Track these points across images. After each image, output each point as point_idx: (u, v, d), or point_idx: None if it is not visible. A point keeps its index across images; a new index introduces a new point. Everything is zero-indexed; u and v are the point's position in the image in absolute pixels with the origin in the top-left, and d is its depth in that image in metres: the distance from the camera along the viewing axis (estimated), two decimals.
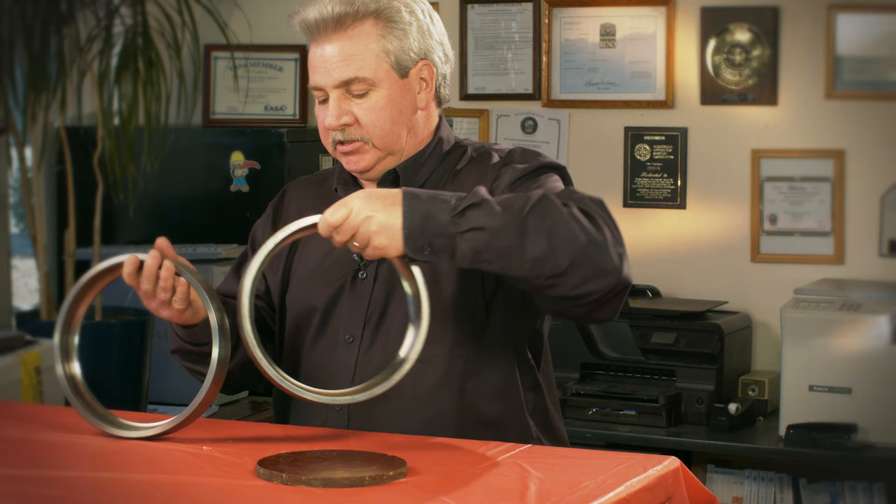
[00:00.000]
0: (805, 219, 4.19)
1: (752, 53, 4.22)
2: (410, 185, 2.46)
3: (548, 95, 4.44)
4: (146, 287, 2.35)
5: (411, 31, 2.43)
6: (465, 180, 2.46)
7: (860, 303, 3.83)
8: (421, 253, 2.18)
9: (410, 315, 2.23)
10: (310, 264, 2.52)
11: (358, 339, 2.43)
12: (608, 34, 4.37)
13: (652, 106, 4.33)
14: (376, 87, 2.41)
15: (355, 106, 2.42)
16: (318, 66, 2.42)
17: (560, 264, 2.19)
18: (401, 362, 2.22)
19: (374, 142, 2.43)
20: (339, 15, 2.39)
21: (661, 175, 4.33)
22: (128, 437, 2.30)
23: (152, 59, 4.04)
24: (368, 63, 2.40)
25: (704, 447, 3.90)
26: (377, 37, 2.41)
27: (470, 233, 2.17)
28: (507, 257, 2.19)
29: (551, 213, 2.20)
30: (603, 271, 2.21)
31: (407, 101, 2.45)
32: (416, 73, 2.45)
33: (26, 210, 4.04)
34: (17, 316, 4.25)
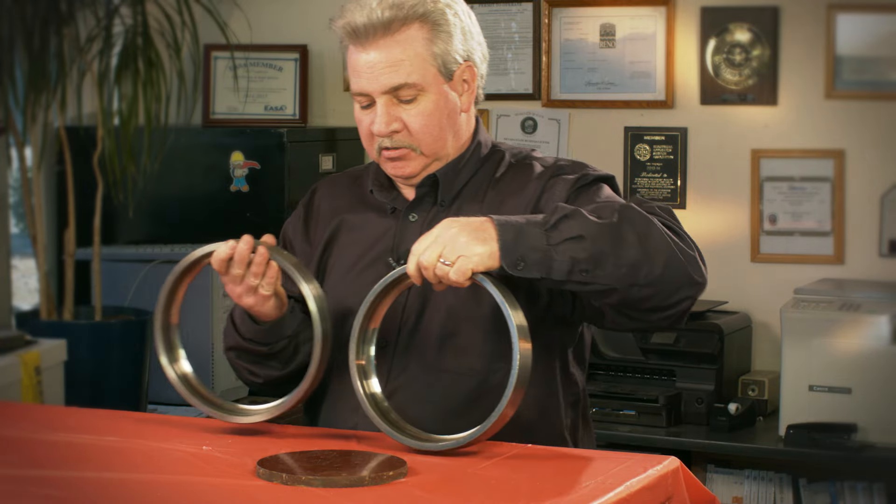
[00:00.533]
0: (805, 219, 4.19)
1: (752, 53, 4.22)
2: (450, 189, 2.44)
3: (548, 95, 4.44)
4: (237, 272, 2.31)
5: (456, 33, 2.39)
6: (506, 189, 2.44)
7: (860, 303, 3.83)
8: (515, 268, 2.14)
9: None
10: (345, 265, 2.49)
11: (392, 344, 2.40)
12: (608, 34, 4.37)
13: (652, 106, 4.33)
14: (424, 93, 2.38)
15: (403, 112, 2.38)
16: (364, 72, 2.37)
17: (654, 270, 2.18)
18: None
19: (421, 149, 2.40)
20: (388, 20, 2.35)
21: (661, 175, 4.33)
22: (245, 422, 2.30)
23: (152, 59, 4.04)
24: (417, 68, 2.36)
25: (704, 447, 3.90)
26: (424, 41, 2.37)
27: (566, 243, 2.14)
28: (603, 265, 2.15)
29: (639, 221, 2.19)
30: (692, 279, 2.22)
31: (452, 104, 2.41)
32: (460, 75, 2.41)
33: (26, 210, 4.04)
34: (17, 316, 4.25)
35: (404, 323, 2.41)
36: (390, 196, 2.49)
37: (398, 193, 2.49)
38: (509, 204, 2.42)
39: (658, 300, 2.21)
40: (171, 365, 2.39)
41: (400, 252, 2.43)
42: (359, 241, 2.48)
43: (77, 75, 4.12)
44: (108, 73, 4.07)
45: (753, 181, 4.23)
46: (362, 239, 2.49)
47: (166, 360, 2.38)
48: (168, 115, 4.07)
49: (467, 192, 2.45)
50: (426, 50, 2.37)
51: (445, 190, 2.44)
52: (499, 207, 2.41)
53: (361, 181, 2.55)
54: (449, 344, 2.38)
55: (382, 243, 2.46)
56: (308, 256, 2.52)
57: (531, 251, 2.14)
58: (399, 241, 2.44)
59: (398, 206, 2.48)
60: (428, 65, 2.37)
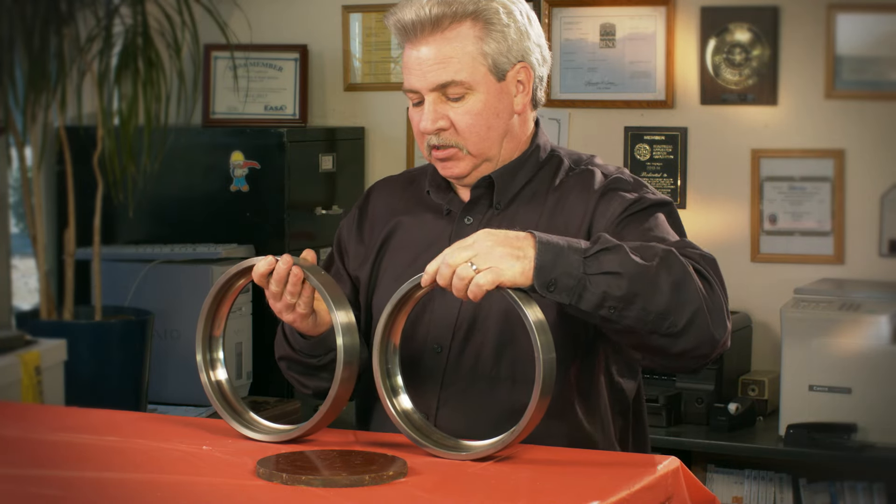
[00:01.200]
0: (805, 219, 4.19)
1: (752, 53, 4.22)
2: (505, 192, 2.42)
3: (548, 95, 4.43)
4: (275, 289, 2.28)
5: (509, 33, 2.37)
6: (566, 196, 2.41)
7: (860, 303, 3.83)
8: (546, 289, 2.11)
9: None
10: (398, 267, 2.47)
11: (446, 349, 2.38)
12: (608, 34, 4.37)
13: (652, 106, 4.33)
14: (473, 91, 2.35)
15: (451, 110, 2.36)
16: (414, 69, 2.36)
17: (678, 322, 2.15)
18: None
19: (468, 148, 2.37)
20: (436, 16, 2.33)
21: (661, 175, 4.33)
22: (271, 441, 2.27)
23: (152, 59, 4.04)
24: (466, 66, 2.34)
25: (704, 447, 3.90)
26: (475, 39, 2.35)
27: (602, 276, 2.12)
28: (631, 307, 2.13)
29: (678, 270, 2.15)
30: (713, 339, 2.19)
31: (504, 105, 2.39)
32: (514, 75, 2.39)
33: (26, 210, 4.04)
34: (17, 316, 4.25)
35: (458, 329, 2.38)
36: (447, 198, 2.47)
37: (455, 195, 2.47)
38: (568, 212, 2.39)
39: (673, 350, 2.20)
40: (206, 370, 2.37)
41: None
42: (414, 243, 2.46)
43: (77, 75, 4.12)
44: (108, 73, 4.07)
45: (753, 181, 4.23)
46: (417, 240, 2.47)
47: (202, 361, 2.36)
48: (168, 115, 4.07)
49: (524, 197, 2.43)
50: (476, 48, 2.35)
51: (501, 193, 2.42)
52: (557, 215, 2.40)
53: (418, 182, 2.53)
54: (506, 351, 2.36)
55: (437, 245, 2.41)
56: (363, 258, 2.50)
57: (566, 276, 2.12)
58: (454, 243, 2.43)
59: (453, 209, 2.46)
60: (478, 63, 2.35)
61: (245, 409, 2.34)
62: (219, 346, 2.38)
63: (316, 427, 2.26)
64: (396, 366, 2.25)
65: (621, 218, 2.35)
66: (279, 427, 2.31)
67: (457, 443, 2.20)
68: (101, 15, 4.06)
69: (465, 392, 2.36)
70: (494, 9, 2.36)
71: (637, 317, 2.14)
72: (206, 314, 2.35)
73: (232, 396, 2.36)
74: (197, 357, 2.36)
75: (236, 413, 2.34)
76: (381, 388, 2.23)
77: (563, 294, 2.12)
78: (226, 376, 2.37)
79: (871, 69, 4.11)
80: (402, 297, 2.21)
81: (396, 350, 2.25)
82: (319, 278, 2.26)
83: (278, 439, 2.27)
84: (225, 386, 2.37)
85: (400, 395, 2.25)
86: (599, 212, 2.37)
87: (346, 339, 2.23)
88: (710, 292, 2.19)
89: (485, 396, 2.36)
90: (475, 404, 2.36)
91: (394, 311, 2.22)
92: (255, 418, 2.33)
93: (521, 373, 2.34)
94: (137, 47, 4.03)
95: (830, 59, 4.13)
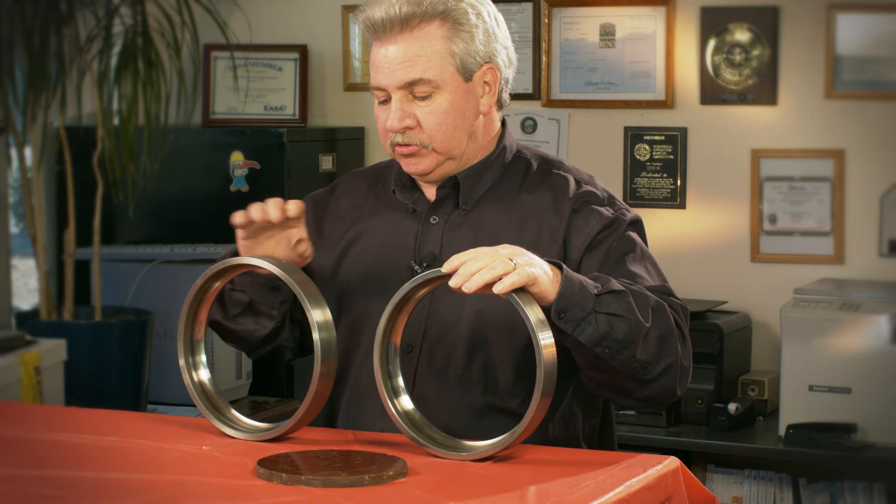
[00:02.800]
0: (805, 218, 4.19)
1: (751, 53, 4.22)
2: (471, 193, 2.43)
3: (548, 95, 4.44)
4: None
5: (477, 34, 2.38)
6: (539, 201, 2.42)
7: (860, 303, 3.83)
8: (558, 315, 2.16)
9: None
10: (366, 268, 2.47)
11: (417, 348, 2.39)
12: (608, 34, 4.37)
13: (652, 106, 4.33)
14: (440, 90, 2.36)
15: (418, 108, 2.37)
16: (382, 67, 2.37)
17: (653, 372, 2.26)
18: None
19: (434, 146, 2.38)
20: (406, 15, 2.35)
21: (660, 175, 4.33)
22: (252, 439, 2.28)
23: (152, 59, 4.04)
24: (433, 65, 2.35)
25: (704, 447, 3.90)
26: (443, 38, 2.35)
27: (607, 316, 2.19)
28: (624, 350, 2.22)
29: (665, 325, 2.27)
30: (674, 393, 2.33)
31: (470, 105, 2.40)
32: (480, 76, 2.40)
33: (26, 210, 4.04)
34: (17, 316, 4.25)
35: (429, 329, 2.39)
36: (412, 197, 2.47)
37: (420, 195, 2.47)
38: (540, 217, 2.41)
39: (639, 396, 2.32)
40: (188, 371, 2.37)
41: (422, 255, 2.41)
42: (380, 243, 2.46)
43: (77, 75, 4.12)
44: (107, 73, 4.07)
45: (753, 181, 4.23)
46: (383, 241, 2.47)
47: (184, 364, 2.37)
48: (168, 115, 4.07)
49: (490, 197, 2.44)
50: (444, 48, 2.36)
51: (466, 193, 2.43)
52: (529, 220, 2.41)
53: (385, 179, 2.53)
54: (477, 354, 2.37)
55: (404, 245, 2.44)
56: (320, 249, 2.49)
57: (577, 308, 2.18)
58: (421, 243, 2.43)
59: (419, 208, 2.46)
60: (446, 63, 2.36)
61: (228, 408, 2.35)
62: (200, 349, 2.38)
63: (297, 425, 2.26)
64: (398, 367, 2.25)
65: (598, 237, 2.39)
66: (261, 425, 2.31)
67: (457, 443, 2.20)
68: (101, 15, 4.06)
69: (437, 392, 2.37)
70: (463, 9, 2.37)
71: (625, 360, 2.23)
72: (186, 318, 2.36)
73: (216, 396, 2.36)
74: (179, 361, 2.36)
75: (219, 412, 2.34)
76: (382, 388, 2.23)
77: (569, 324, 2.18)
78: (209, 376, 2.38)
79: (871, 69, 4.11)
80: (403, 297, 2.21)
81: (397, 351, 2.25)
82: (294, 277, 2.26)
83: (261, 438, 2.28)
84: (208, 386, 2.37)
85: (401, 396, 2.25)
86: (576, 227, 2.39)
87: (323, 335, 2.24)
88: (684, 349, 2.31)
89: (456, 397, 2.37)
90: (447, 404, 2.35)
91: (394, 312, 2.22)
92: (238, 417, 2.34)
93: (492, 376, 2.36)
94: (137, 47, 4.04)
95: (830, 59, 4.13)
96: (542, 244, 2.37)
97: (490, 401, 2.37)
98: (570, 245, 2.39)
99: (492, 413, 2.36)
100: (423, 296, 2.24)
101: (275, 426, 2.29)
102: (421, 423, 2.23)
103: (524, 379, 2.33)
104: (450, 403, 2.36)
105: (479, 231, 2.41)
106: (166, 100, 4.06)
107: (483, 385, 2.37)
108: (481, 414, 2.36)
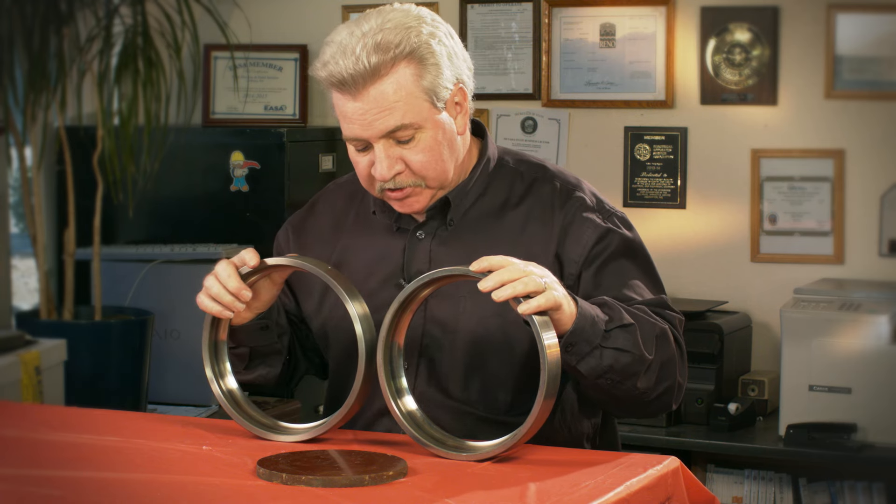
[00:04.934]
0: (805, 218, 4.19)
1: (751, 53, 4.22)
2: (458, 208, 2.40)
3: (548, 95, 4.44)
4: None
5: (443, 62, 2.32)
6: (530, 212, 2.40)
7: (860, 303, 3.83)
8: (565, 348, 2.17)
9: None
10: (355, 285, 2.41)
11: (414, 367, 2.38)
12: (608, 34, 4.37)
13: (652, 106, 4.33)
14: (422, 129, 2.30)
15: (405, 151, 2.31)
16: (356, 119, 2.29)
17: (652, 394, 2.31)
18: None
19: (427, 182, 2.34)
20: (375, 66, 2.26)
21: (660, 175, 4.33)
22: (288, 441, 2.27)
23: (152, 58, 4.04)
24: (410, 107, 2.28)
25: (704, 447, 3.90)
26: (413, 76, 2.28)
27: (613, 350, 2.22)
28: (626, 381, 2.26)
29: (667, 352, 2.31)
30: (668, 409, 2.38)
31: (449, 131, 2.34)
32: (451, 99, 2.34)
33: (26, 210, 4.04)
34: (17, 316, 4.25)
35: (425, 347, 2.37)
36: (394, 215, 2.43)
37: (402, 214, 2.43)
38: (530, 230, 2.40)
39: (636, 412, 2.38)
40: (216, 380, 2.36)
41: (411, 272, 2.39)
42: (365, 264, 2.44)
43: (77, 75, 4.12)
44: (108, 72, 4.07)
45: (753, 181, 4.23)
46: (368, 260, 2.44)
47: (212, 375, 2.36)
48: (168, 115, 4.07)
49: (477, 211, 2.41)
50: (416, 86, 2.29)
51: (456, 211, 2.41)
52: (518, 232, 2.39)
53: (363, 194, 2.48)
54: (475, 371, 2.36)
55: (391, 262, 2.42)
56: (303, 278, 2.47)
57: (585, 343, 2.20)
58: (409, 259, 2.40)
59: (403, 225, 2.43)
60: (420, 101, 2.29)
61: (261, 414, 2.34)
62: (224, 356, 2.37)
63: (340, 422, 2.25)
64: (401, 367, 2.25)
65: (594, 250, 2.38)
66: (300, 427, 2.30)
67: (460, 443, 2.20)
68: (101, 15, 4.06)
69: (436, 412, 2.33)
70: (425, 41, 2.30)
71: (627, 389, 2.27)
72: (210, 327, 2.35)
73: (245, 402, 2.35)
74: (206, 371, 2.35)
75: (252, 418, 2.33)
76: (385, 389, 2.23)
77: (574, 356, 2.20)
78: (236, 384, 2.37)
79: (871, 69, 4.11)
80: (407, 297, 2.21)
81: (401, 351, 2.25)
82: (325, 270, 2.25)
83: (301, 438, 2.27)
84: (237, 394, 2.36)
85: (405, 397, 2.25)
86: (571, 238, 2.38)
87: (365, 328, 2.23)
88: (681, 367, 2.34)
89: (456, 417, 2.36)
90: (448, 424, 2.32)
91: (398, 312, 2.22)
92: (274, 421, 2.33)
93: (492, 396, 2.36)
94: (137, 47, 4.04)
95: (830, 59, 4.13)
96: (535, 256, 2.33)
97: (489, 418, 2.36)
98: (566, 258, 2.37)
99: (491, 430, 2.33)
100: (427, 296, 2.23)
101: (318, 424, 2.27)
102: (423, 422, 2.23)
103: (524, 395, 2.32)
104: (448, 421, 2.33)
105: (468, 246, 2.38)
106: (166, 100, 4.06)
107: (483, 405, 2.37)
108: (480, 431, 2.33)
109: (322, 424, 2.26)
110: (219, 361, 2.37)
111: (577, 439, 2.43)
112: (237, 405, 2.34)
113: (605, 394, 2.29)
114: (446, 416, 2.35)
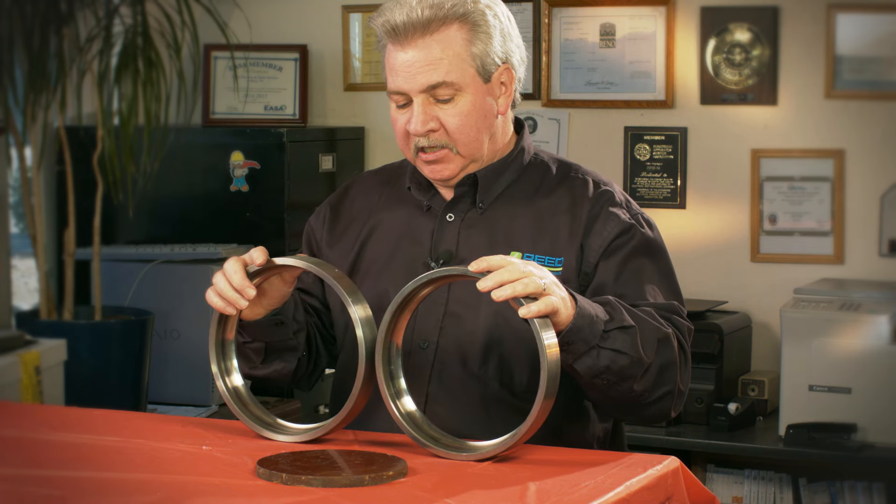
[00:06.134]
0: (805, 218, 4.19)
1: (751, 53, 4.22)
2: (489, 192, 2.44)
3: (548, 95, 4.44)
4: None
5: (495, 35, 2.38)
6: (559, 202, 2.43)
7: (860, 303, 3.83)
8: (562, 346, 2.17)
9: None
10: (379, 263, 2.47)
11: (433, 344, 2.40)
12: (608, 34, 4.37)
13: (652, 106, 4.33)
14: (462, 92, 2.37)
15: (441, 111, 2.37)
16: (402, 71, 2.37)
17: (650, 398, 2.31)
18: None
19: (458, 148, 2.38)
20: (427, 19, 2.34)
21: (660, 175, 4.33)
22: (289, 441, 2.27)
23: (152, 58, 4.04)
24: (455, 67, 2.35)
25: (704, 447, 3.90)
26: (463, 41, 2.36)
27: (611, 351, 2.22)
28: (619, 384, 2.26)
29: (668, 356, 2.31)
30: (667, 415, 2.38)
31: (489, 106, 2.40)
32: (497, 77, 2.40)
33: (26, 210, 4.04)
34: (17, 316, 4.25)
35: (445, 325, 2.39)
36: (428, 195, 2.48)
37: (436, 192, 2.48)
38: (557, 220, 2.42)
39: (632, 415, 2.39)
40: (222, 377, 2.36)
41: (438, 252, 2.42)
42: (394, 238, 2.47)
43: (77, 75, 4.12)
44: (107, 73, 4.07)
45: (753, 181, 4.23)
46: (398, 235, 2.47)
47: (217, 372, 2.36)
48: (168, 115, 4.07)
49: (507, 197, 2.45)
50: (465, 50, 2.36)
51: (484, 192, 2.44)
52: (546, 221, 2.42)
53: (397, 179, 2.54)
54: (493, 352, 2.38)
55: (418, 242, 2.45)
56: (337, 257, 2.50)
57: (583, 342, 2.21)
58: (437, 240, 2.43)
59: (435, 206, 2.47)
60: (466, 65, 2.36)
61: (265, 413, 2.34)
62: (231, 353, 2.37)
63: (342, 423, 2.25)
64: (399, 368, 2.25)
65: (614, 242, 2.40)
66: (301, 427, 2.30)
67: (460, 443, 2.20)
68: (101, 15, 4.06)
69: (454, 388, 2.37)
70: (481, 11, 2.38)
71: (623, 391, 2.27)
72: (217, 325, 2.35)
73: (250, 401, 2.36)
74: (212, 367, 2.35)
75: (256, 417, 2.33)
76: (384, 390, 2.23)
77: (571, 355, 2.21)
78: (241, 381, 2.37)
79: (871, 69, 4.11)
80: (405, 297, 2.20)
81: (399, 352, 2.25)
82: (331, 273, 2.25)
83: (301, 439, 2.27)
84: (243, 392, 2.36)
85: (403, 398, 2.25)
86: (596, 230, 2.40)
87: (366, 332, 2.23)
88: (683, 374, 2.35)
89: (473, 394, 2.38)
90: (464, 401, 2.36)
91: (396, 312, 2.22)
92: (277, 421, 2.33)
93: (507, 374, 2.37)
94: (137, 47, 4.03)
95: (830, 59, 4.13)
96: (560, 246, 2.39)
97: (504, 397, 2.37)
98: (588, 248, 2.40)
99: (504, 409, 2.36)
100: (426, 295, 2.23)
101: (319, 426, 2.27)
102: (422, 423, 2.23)
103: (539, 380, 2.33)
104: (465, 398, 2.36)
105: (496, 231, 2.42)
106: (166, 100, 4.06)
107: (499, 382, 2.38)
108: (495, 409, 2.36)
109: (322, 426, 2.26)
110: (225, 359, 2.37)
111: (589, 443, 2.44)
112: (242, 403, 2.35)
113: (602, 394, 2.29)
114: (463, 391, 2.36)
